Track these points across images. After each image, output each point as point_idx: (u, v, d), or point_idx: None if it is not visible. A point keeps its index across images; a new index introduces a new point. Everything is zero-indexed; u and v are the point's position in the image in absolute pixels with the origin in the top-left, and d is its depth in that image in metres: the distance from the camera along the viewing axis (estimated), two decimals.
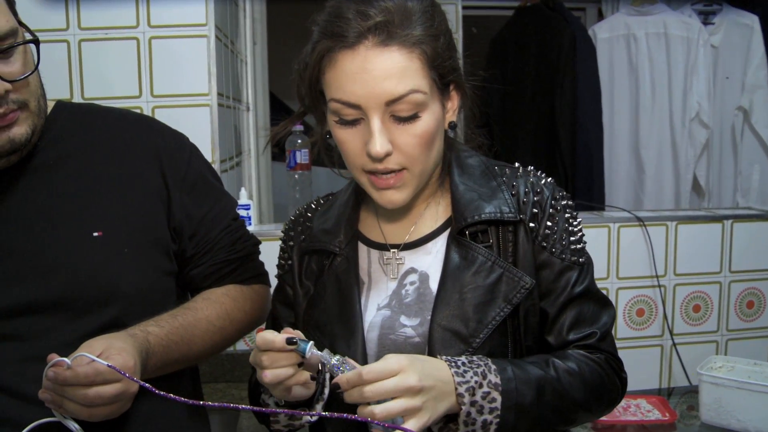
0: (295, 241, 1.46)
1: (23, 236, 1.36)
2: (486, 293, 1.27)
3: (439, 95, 1.26)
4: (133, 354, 1.24)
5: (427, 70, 1.21)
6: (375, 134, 1.21)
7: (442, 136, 1.31)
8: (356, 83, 1.19)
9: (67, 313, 1.35)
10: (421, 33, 1.20)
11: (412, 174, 1.26)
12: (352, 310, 1.33)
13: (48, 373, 1.19)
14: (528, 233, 1.31)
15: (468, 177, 1.35)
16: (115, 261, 1.39)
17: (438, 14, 1.26)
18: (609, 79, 3.79)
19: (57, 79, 2.09)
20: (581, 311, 1.33)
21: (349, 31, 1.19)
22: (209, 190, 1.54)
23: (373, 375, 1.10)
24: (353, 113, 1.22)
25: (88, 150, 1.45)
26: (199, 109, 2.22)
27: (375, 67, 1.18)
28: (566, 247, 1.32)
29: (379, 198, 1.29)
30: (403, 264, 1.35)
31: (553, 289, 1.32)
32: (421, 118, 1.22)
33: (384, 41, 1.19)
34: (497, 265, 1.29)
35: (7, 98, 1.28)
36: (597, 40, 3.80)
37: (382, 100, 1.19)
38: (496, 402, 1.18)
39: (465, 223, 1.30)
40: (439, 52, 1.23)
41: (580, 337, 1.32)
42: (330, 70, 1.23)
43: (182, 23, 2.20)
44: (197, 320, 1.43)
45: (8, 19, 1.28)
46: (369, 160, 1.24)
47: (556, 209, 1.33)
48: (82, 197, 1.40)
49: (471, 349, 1.25)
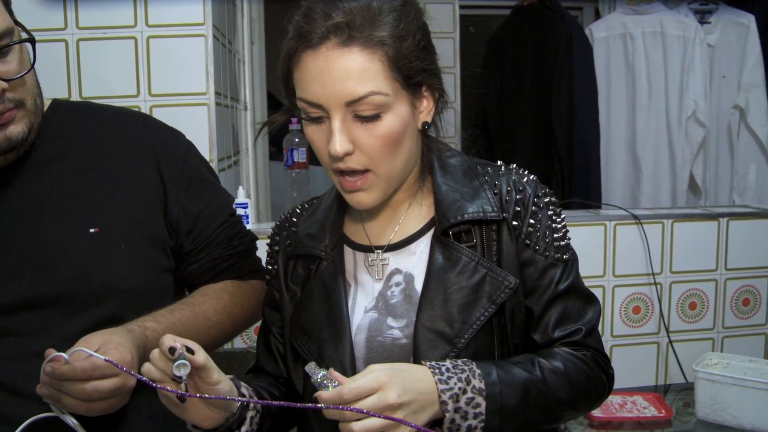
0: (281, 246, 1.46)
1: (21, 233, 1.37)
2: (470, 293, 1.27)
3: (407, 96, 1.25)
4: (130, 349, 1.25)
5: (389, 72, 1.21)
6: (335, 133, 1.21)
7: (413, 137, 1.30)
8: (317, 83, 1.20)
9: (65, 308, 1.36)
10: (384, 34, 1.20)
11: (377, 176, 1.26)
12: (340, 314, 1.33)
13: (45, 368, 1.20)
14: (511, 232, 1.31)
15: (450, 177, 1.35)
16: (112, 257, 1.40)
17: (408, 14, 1.25)
18: (606, 78, 3.79)
19: (55, 79, 2.09)
20: (566, 308, 1.33)
21: (313, 32, 1.20)
22: (206, 186, 1.55)
23: (352, 394, 1.11)
24: (317, 111, 1.23)
25: (85, 147, 1.46)
26: (197, 108, 2.23)
27: (335, 67, 1.19)
28: (549, 244, 1.33)
29: (349, 199, 1.30)
30: (388, 265, 1.35)
31: (538, 287, 1.32)
32: (383, 118, 1.22)
33: (345, 42, 1.19)
34: (481, 266, 1.29)
35: (4, 97, 1.29)
36: (594, 39, 3.81)
37: (341, 101, 1.20)
38: (481, 407, 1.18)
39: (448, 224, 1.30)
40: (405, 53, 1.22)
41: (565, 334, 1.32)
42: (296, 69, 1.24)
43: (180, 23, 2.21)
44: (195, 315, 1.44)
45: (4, 19, 1.29)
46: (332, 158, 1.24)
47: (539, 206, 1.33)
48: (79, 194, 1.42)
49: (456, 349, 1.25)
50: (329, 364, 1.29)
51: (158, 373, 1.15)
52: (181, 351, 1.12)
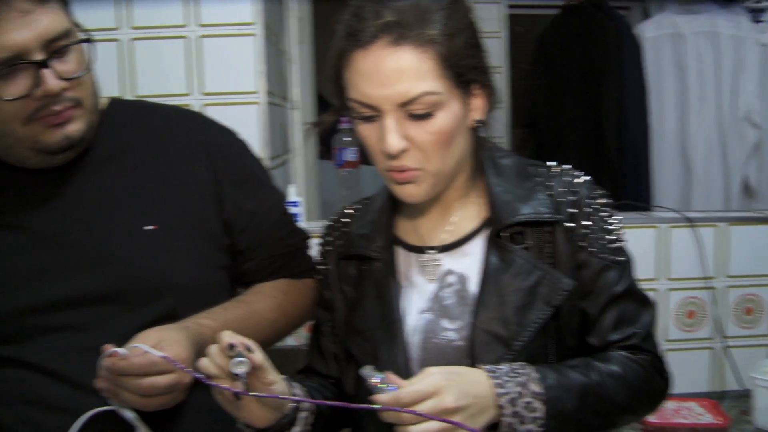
0: (333, 246, 1.46)
1: (79, 230, 1.39)
2: (526, 296, 1.26)
3: (458, 94, 1.25)
4: (186, 346, 1.26)
5: (441, 70, 1.21)
6: (388, 132, 1.21)
7: (465, 135, 1.29)
8: (369, 84, 1.20)
9: (122, 304, 1.38)
10: (435, 32, 1.20)
11: (428, 172, 1.26)
12: (393, 315, 1.32)
13: (104, 363, 1.23)
14: (566, 233, 1.30)
15: (504, 178, 1.34)
16: (168, 254, 1.41)
17: (457, 11, 1.25)
18: (656, 79, 3.73)
19: (109, 78, 2.10)
20: (622, 311, 1.31)
21: (363, 31, 1.20)
22: (259, 184, 1.56)
23: (410, 398, 1.10)
24: (369, 111, 1.23)
25: (141, 145, 1.47)
26: (249, 107, 2.23)
27: (387, 68, 1.19)
28: (605, 246, 1.31)
29: (398, 192, 1.29)
30: (441, 265, 1.35)
31: (593, 290, 1.31)
32: (436, 116, 1.22)
33: (396, 41, 1.19)
34: (536, 268, 1.28)
35: (63, 96, 1.31)
36: (643, 38, 3.75)
37: (394, 102, 1.20)
38: (538, 411, 1.17)
39: (502, 225, 1.30)
40: (456, 51, 1.22)
41: (622, 338, 1.31)
42: (347, 69, 1.24)
43: (231, 22, 2.22)
44: (249, 313, 1.45)
45: (63, 20, 1.31)
46: (385, 157, 1.24)
47: (593, 208, 1.32)
48: (135, 192, 1.43)
49: (512, 352, 1.24)
50: (383, 365, 1.28)
51: (215, 369, 1.16)
52: (240, 348, 1.12)
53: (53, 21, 1.28)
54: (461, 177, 1.35)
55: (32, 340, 1.36)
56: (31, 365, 1.35)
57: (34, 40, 1.25)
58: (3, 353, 1.36)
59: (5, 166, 1.40)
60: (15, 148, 1.35)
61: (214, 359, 1.16)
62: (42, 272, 1.37)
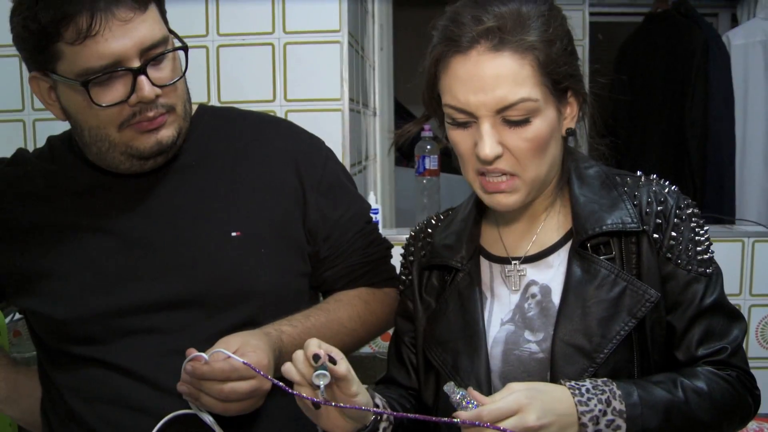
0: (416, 257, 1.46)
1: (167, 234, 1.42)
2: (610, 307, 1.24)
3: (553, 101, 1.24)
4: (267, 352, 1.27)
5: (539, 77, 1.20)
6: (484, 137, 1.20)
7: (558, 142, 1.29)
8: (468, 89, 1.20)
9: (206, 309, 1.40)
10: (534, 38, 1.19)
11: (522, 180, 1.25)
12: (476, 326, 1.32)
13: (186, 367, 1.24)
14: (652, 244, 1.27)
15: (588, 188, 1.32)
16: (252, 261, 1.42)
17: (555, 19, 1.24)
18: (743, 87, 3.64)
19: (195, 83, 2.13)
20: (711, 325, 1.27)
21: (462, 36, 1.20)
22: (344, 193, 1.56)
23: (492, 416, 1.09)
24: (465, 117, 1.22)
25: (229, 152, 1.49)
26: (331, 113, 2.25)
27: (486, 73, 1.18)
28: (692, 257, 1.27)
29: (489, 201, 1.28)
30: (525, 276, 1.33)
31: (680, 302, 1.27)
32: (533, 123, 1.21)
33: (496, 46, 1.18)
34: (620, 278, 1.25)
35: (157, 102, 1.33)
36: (731, 46, 3.66)
37: (493, 107, 1.19)
38: (622, 429, 1.15)
39: (586, 236, 1.27)
40: (554, 57, 1.21)
41: (709, 353, 1.27)
42: (444, 74, 1.24)
43: (316, 29, 2.24)
44: (329, 321, 1.45)
45: (161, 28, 1.34)
46: (479, 162, 1.23)
47: (681, 218, 1.28)
48: (222, 198, 1.45)
49: (595, 365, 1.22)
50: (464, 376, 1.28)
51: (298, 376, 1.16)
52: (324, 360, 1.13)
53: (151, 29, 1.31)
54: (549, 186, 1.34)
55: (117, 341, 1.39)
56: (115, 366, 1.39)
57: (132, 48, 1.28)
58: (89, 353, 1.40)
59: (98, 170, 1.44)
60: (109, 152, 1.38)
61: (298, 366, 1.17)
62: (129, 275, 1.40)
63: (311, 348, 1.15)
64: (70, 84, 1.30)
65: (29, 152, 1.55)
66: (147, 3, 1.31)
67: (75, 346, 1.40)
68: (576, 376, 1.21)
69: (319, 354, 1.14)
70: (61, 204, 1.44)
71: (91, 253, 1.41)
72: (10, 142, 2.22)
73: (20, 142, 2.30)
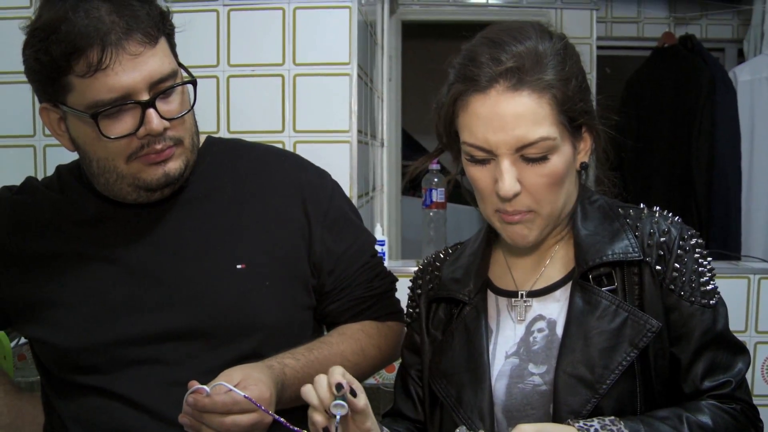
0: (423, 290, 1.47)
1: (171, 266, 1.42)
2: (611, 338, 1.24)
3: (569, 137, 1.25)
4: (269, 385, 1.27)
5: (557, 115, 1.22)
6: (504, 175, 1.22)
7: (573, 177, 1.30)
8: (487, 128, 1.21)
9: (209, 341, 1.40)
10: (551, 77, 1.21)
11: (540, 215, 1.26)
12: (480, 359, 1.32)
13: (188, 399, 1.24)
14: (654, 276, 1.27)
15: (590, 221, 1.33)
16: (256, 293, 1.43)
17: (570, 57, 1.26)
18: (749, 124, 3.63)
19: (205, 113, 2.16)
20: (715, 358, 1.27)
21: (481, 76, 1.21)
22: (350, 226, 1.57)
23: None
24: (484, 154, 1.24)
25: (235, 184, 1.50)
26: (340, 145, 2.26)
27: (506, 112, 1.20)
28: (696, 289, 1.27)
29: (508, 234, 1.29)
30: (531, 307, 1.34)
31: (684, 335, 1.27)
32: (551, 159, 1.23)
33: (515, 86, 1.20)
34: (622, 309, 1.26)
35: (165, 135, 1.34)
36: (737, 82, 3.67)
37: (513, 146, 1.21)
38: None
39: (587, 267, 1.28)
40: (570, 95, 1.23)
41: (714, 386, 1.27)
42: (463, 113, 1.25)
43: (326, 62, 2.26)
44: (332, 354, 1.45)
45: (170, 61, 1.36)
46: (497, 198, 1.25)
47: (685, 250, 1.28)
48: (227, 230, 1.46)
49: (597, 395, 1.22)
50: (467, 408, 1.29)
51: (316, 400, 1.16)
52: (346, 391, 1.13)
53: (161, 63, 1.32)
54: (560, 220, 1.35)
55: (121, 371, 1.39)
56: (117, 395, 1.39)
57: (141, 82, 1.29)
58: (92, 382, 1.40)
59: (105, 201, 1.45)
60: (116, 183, 1.39)
61: (318, 390, 1.16)
62: (134, 306, 1.40)
63: (335, 376, 1.15)
64: (80, 116, 1.31)
65: (38, 181, 1.56)
66: (157, 37, 1.32)
67: (78, 375, 1.41)
68: (579, 408, 1.21)
69: (342, 384, 1.14)
70: (67, 233, 1.45)
71: (97, 282, 1.42)
72: (21, 167, 2.24)
73: (30, 168, 2.31)
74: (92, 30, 1.25)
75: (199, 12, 2.26)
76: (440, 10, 3.64)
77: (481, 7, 3.72)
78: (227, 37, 2.28)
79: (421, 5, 3.54)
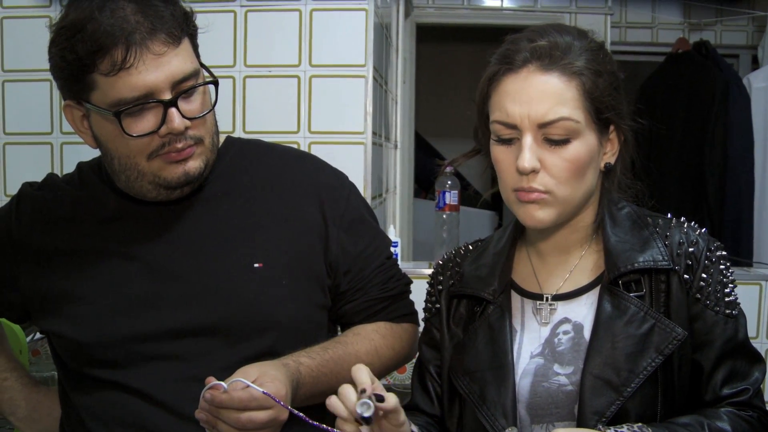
0: (444, 285, 1.48)
1: (190, 263, 1.44)
2: (638, 343, 1.26)
3: (595, 129, 1.28)
4: (285, 383, 1.28)
5: (583, 101, 1.25)
6: (524, 149, 1.24)
7: (595, 173, 1.32)
8: (514, 102, 1.25)
9: (226, 338, 1.41)
10: (582, 65, 1.25)
11: (557, 199, 1.28)
12: (505, 358, 1.33)
13: (205, 395, 1.25)
14: (682, 284, 1.29)
15: (620, 228, 1.35)
16: (273, 292, 1.44)
17: (605, 56, 1.30)
18: (763, 130, 3.63)
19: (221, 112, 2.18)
20: (734, 366, 1.30)
21: (517, 54, 1.26)
22: (366, 228, 1.58)
23: None
24: (509, 133, 1.27)
25: (253, 184, 1.51)
26: (354, 146, 2.28)
27: (533, 88, 1.24)
28: (720, 299, 1.30)
29: (523, 213, 1.30)
30: (557, 311, 1.36)
31: (707, 342, 1.29)
32: (572, 143, 1.25)
33: (546, 66, 1.25)
34: (649, 316, 1.27)
35: (186, 134, 1.36)
36: (752, 89, 3.67)
37: (534, 122, 1.24)
38: None
39: (618, 273, 1.30)
40: (600, 87, 1.26)
41: (732, 393, 1.29)
42: (494, 92, 1.29)
43: (342, 63, 2.28)
44: (347, 354, 1.46)
45: (193, 62, 1.37)
46: (517, 176, 1.27)
47: (712, 261, 1.31)
48: (245, 230, 1.47)
49: (622, 398, 1.24)
50: (490, 405, 1.31)
51: (345, 412, 1.16)
52: (369, 393, 1.14)
53: (183, 62, 1.34)
54: (584, 221, 1.37)
55: (137, 366, 1.41)
56: (134, 390, 1.40)
57: (164, 81, 1.31)
58: (109, 377, 1.42)
59: (126, 198, 1.46)
60: (137, 181, 1.40)
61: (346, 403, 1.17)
62: (152, 302, 1.42)
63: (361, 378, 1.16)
64: (103, 113, 1.33)
65: (59, 177, 1.58)
66: (180, 37, 1.34)
67: (96, 369, 1.42)
68: (603, 409, 1.23)
69: (366, 388, 1.15)
70: (88, 229, 1.47)
71: (116, 278, 1.43)
72: (38, 164, 2.26)
73: (48, 164, 2.33)
74: (117, 29, 1.27)
75: (217, 12, 2.28)
76: (454, 14, 3.65)
77: (495, 11, 3.72)
78: (244, 37, 2.29)
79: (436, 8, 3.55)
